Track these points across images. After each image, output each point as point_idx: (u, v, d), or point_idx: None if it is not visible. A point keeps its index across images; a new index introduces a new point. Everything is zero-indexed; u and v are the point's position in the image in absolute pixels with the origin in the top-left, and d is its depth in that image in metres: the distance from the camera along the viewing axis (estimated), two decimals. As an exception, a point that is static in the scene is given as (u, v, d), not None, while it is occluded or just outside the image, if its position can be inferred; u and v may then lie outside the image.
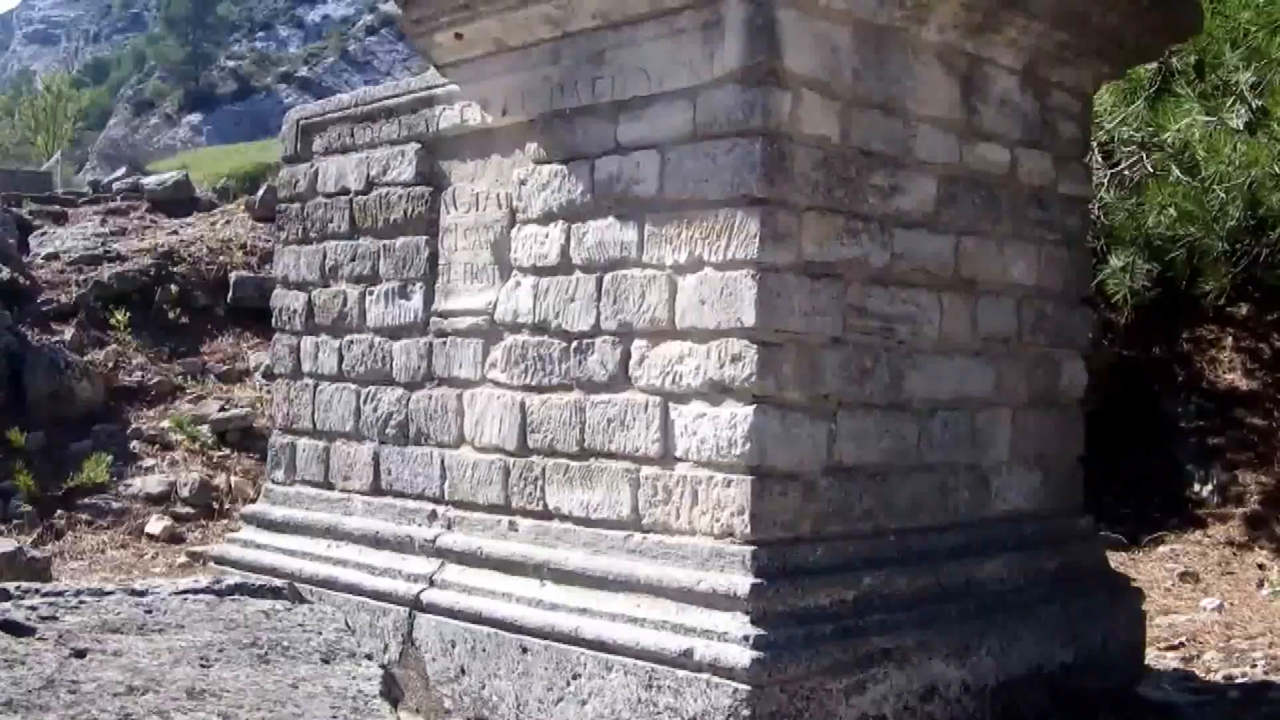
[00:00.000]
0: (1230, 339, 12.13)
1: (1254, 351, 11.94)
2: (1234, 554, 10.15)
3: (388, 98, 7.56)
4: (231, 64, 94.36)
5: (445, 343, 6.96)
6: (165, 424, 12.41)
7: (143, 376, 13.28)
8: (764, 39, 5.52)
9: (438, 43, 6.82)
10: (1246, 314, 12.14)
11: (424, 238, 7.16)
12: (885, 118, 6.02)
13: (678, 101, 5.78)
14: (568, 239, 6.27)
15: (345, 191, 7.76)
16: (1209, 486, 11.13)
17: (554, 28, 6.30)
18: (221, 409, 12.70)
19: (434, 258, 7.11)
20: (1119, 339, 12.10)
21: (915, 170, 6.16)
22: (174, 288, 14.76)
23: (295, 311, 8.08)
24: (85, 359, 12.95)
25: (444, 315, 6.98)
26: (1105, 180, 10.45)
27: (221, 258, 15.58)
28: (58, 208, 17.86)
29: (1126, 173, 10.64)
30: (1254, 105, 9.41)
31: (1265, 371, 11.71)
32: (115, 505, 11.11)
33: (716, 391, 5.59)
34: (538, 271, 6.43)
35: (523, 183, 6.53)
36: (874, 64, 5.96)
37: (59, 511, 10.90)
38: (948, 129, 6.35)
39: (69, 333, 13.55)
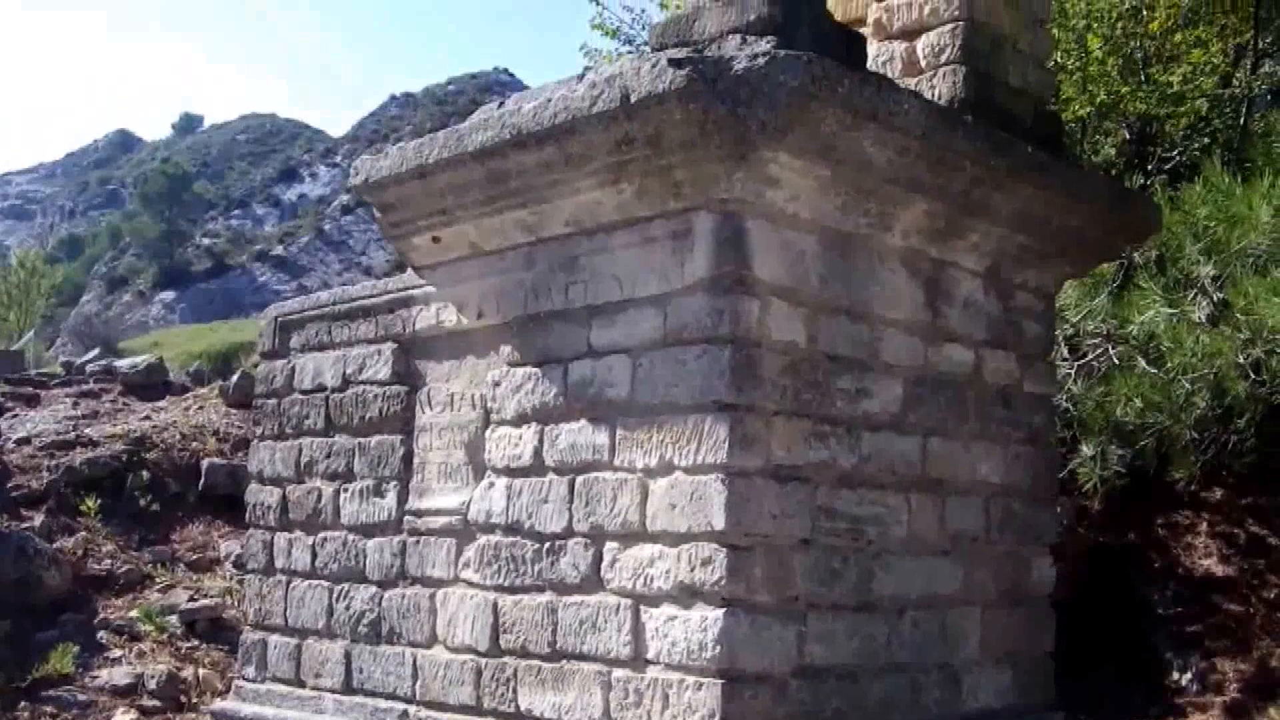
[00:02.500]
0: (1205, 524, 12.16)
1: (1229, 537, 11.96)
2: (1215, 745, 10.06)
3: (365, 297, 7.69)
4: (207, 242, 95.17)
5: (419, 541, 6.99)
6: (134, 613, 12.26)
7: (112, 565, 13.16)
8: (732, 248, 5.67)
9: (415, 245, 6.97)
10: (1220, 499, 12.19)
11: (399, 436, 7.24)
12: (852, 322, 6.16)
13: (649, 308, 5.92)
14: (541, 441, 6.34)
15: (322, 389, 7.84)
16: (1188, 675, 11.07)
17: (528, 233, 6.46)
18: (191, 599, 12.57)
19: (409, 456, 7.17)
20: (1093, 526, 12.14)
21: (882, 373, 6.29)
22: (145, 474, 14.69)
23: (269, 507, 8.10)
24: (54, 546, 12.83)
25: (418, 514, 7.02)
26: (1072, 372, 10.60)
27: (194, 444, 15.55)
28: (30, 389, 17.86)
29: (1094, 364, 10.80)
30: (1215, 298, 9.61)
31: (1241, 557, 11.72)
32: (81, 697, 10.92)
33: (687, 595, 5.62)
34: (511, 473, 6.49)
35: (497, 384, 6.63)
36: (840, 270, 6.12)
37: (23, 704, 10.69)
38: (913, 331, 6.50)
39: (39, 519, 13.45)
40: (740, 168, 5.56)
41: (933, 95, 6.92)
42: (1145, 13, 12.07)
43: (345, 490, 7.53)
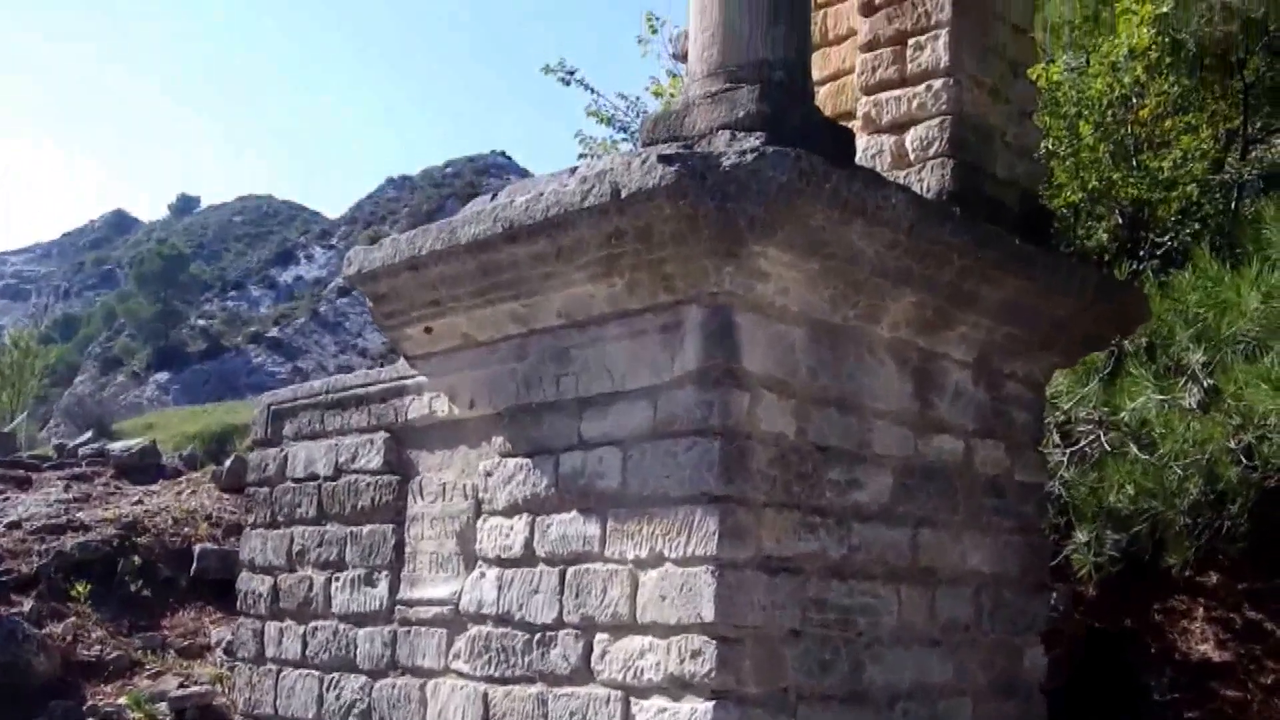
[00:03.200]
0: (1201, 609, 12.13)
1: (1226, 622, 11.92)
2: (1215, 836, 9.97)
3: (358, 386, 7.72)
4: (202, 323, 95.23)
5: (410, 631, 6.98)
6: (123, 700, 12.18)
7: (101, 650, 13.09)
8: (722, 341, 5.72)
9: (408, 335, 7.02)
10: (1216, 584, 12.17)
11: (391, 525, 7.25)
12: (841, 414, 6.19)
13: (639, 400, 5.95)
14: (532, 531, 6.36)
15: (314, 477, 7.86)
16: (1187, 763, 11.00)
17: (521, 325, 6.51)
18: (181, 685, 12.47)
19: (400, 546, 7.18)
20: (1089, 611, 12.10)
21: (871, 464, 6.31)
22: (137, 559, 14.64)
23: (260, 595, 8.09)
24: (44, 632, 12.77)
25: (409, 604, 7.01)
26: (1065, 458, 10.61)
27: (186, 529, 15.51)
28: (22, 472, 17.82)
29: (1086, 450, 10.82)
30: (1206, 384, 9.65)
31: (1238, 642, 11.68)
32: (69, 786, 10.85)
33: (677, 687, 5.61)
34: (502, 563, 6.49)
35: (489, 474, 6.65)
36: (829, 362, 6.17)
37: (10, 793, 10.62)
38: (903, 422, 6.53)
39: (28, 604, 13.39)
40: (730, 262, 5.62)
41: (921, 187, 7.01)
42: (1135, 100, 12.19)
43: (337, 579, 7.53)
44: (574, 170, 6.13)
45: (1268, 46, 12.40)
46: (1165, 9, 11.55)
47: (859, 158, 6.97)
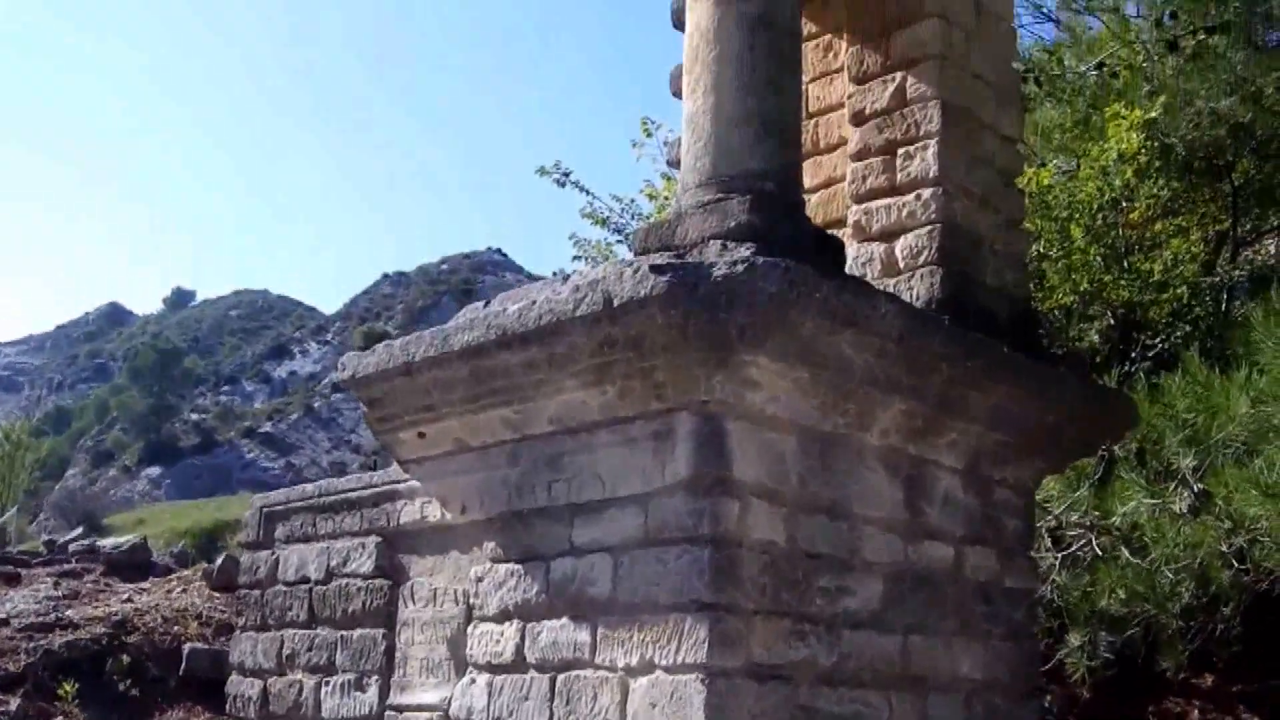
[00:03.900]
0: (1196, 712, 12.06)
1: (1221, 725, 11.87)
2: None
3: (350, 490, 7.74)
4: (195, 417, 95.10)
5: (399, 737, 6.94)
6: (110, 802, 12.07)
7: (89, 751, 12.97)
8: (712, 449, 5.75)
9: (401, 440, 7.05)
10: (1211, 686, 12.12)
11: (382, 630, 7.23)
12: (831, 521, 6.21)
13: (630, 507, 5.98)
14: (522, 638, 6.35)
15: (305, 580, 7.86)
16: None
17: (513, 430, 6.55)
18: (168, 787, 12.37)
19: (391, 650, 7.16)
20: (1083, 715, 12.03)
21: (862, 571, 6.32)
22: (126, 658, 14.53)
23: (250, 699, 8.05)
24: (31, 732, 12.67)
25: (399, 709, 6.99)
26: (1057, 563, 10.62)
27: (176, 627, 15.41)
28: (11, 568, 17.73)
29: (1078, 554, 10.82)
30: (1196, 489, 9.68)
31: (1233, 744, 11.62)
32: None
33: (668, 796, 5.58)
34: (493, 669, 6.48)
35: (480, 580, 6.65)
36: (819, 469, 6.20)
37: None
38: (893, 529, 6.55)
39: (15, 703, 13.26)
40: (720, 371, 5.67)
41: (911, 295, 7.09)
42: (1126, 204, 12.32)
43: (327, 684, 7.50)
44: (567, 278, 6.21)
45: (1255, 150, 12.57)
46: (1154, 114, 11.70)
47: (850, 265, 7.06)
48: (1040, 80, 12.58)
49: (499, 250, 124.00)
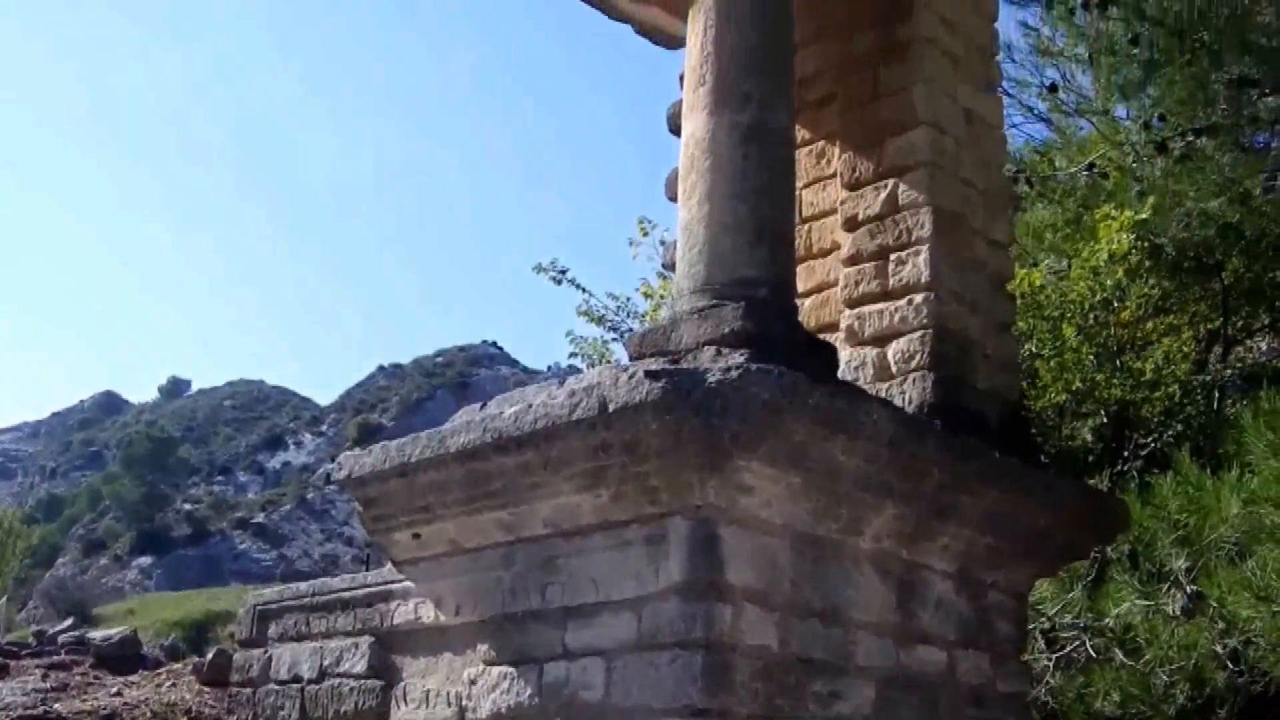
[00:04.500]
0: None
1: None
2: None
3: (344, 590, 7.76)
4: (188, 507, 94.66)
5: (390, 842, 6.90)
6: None
7: None
8: (706, 554, 5.79)
9: (396, 541, 7.07)
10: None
11: (373, 731, 7.21)
12: (824, 625, 6.23)
13: (624, 611, 5.99)
14: (515, 742, 6.34)
15: (298, 679, 7.85)
16: None
17: (507, 532, 6.57)
18: None
19: (382, 752, 7.14)
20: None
21: (854, 675, 6.33)
22: (115, 754, 14.44)
23: (239, 800, 8.00)
24: (16, 830, 12.55)
25: (390, 812, 6.95)
26: (1051, 664, 10.60)
27: (165, 723, 15.32)
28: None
29: (1072, 655, 10.80)
30: (1189, 590, 9.69)
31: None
32: None
33: None
34: (486, 776, 6.46)
35: (473, 682, 6.64)
36: (812, 574, 6.22)
37: None
38: (885, 633, 6.56)
39: (2, 800, 13.17)
40: (714, 476, 5.72)
41: (903, 400, 7.16)
42: (1117, 303, 12.43)
43: (318, 785, 7.46)
44: (563, 382, 6.27)
45: (1245, 250, 12.69)
46: (1144, 215, 11.86)
47: (843, 370, 7.13)
48: (1032, 181, 12.73)
49: (494, 343, 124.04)
